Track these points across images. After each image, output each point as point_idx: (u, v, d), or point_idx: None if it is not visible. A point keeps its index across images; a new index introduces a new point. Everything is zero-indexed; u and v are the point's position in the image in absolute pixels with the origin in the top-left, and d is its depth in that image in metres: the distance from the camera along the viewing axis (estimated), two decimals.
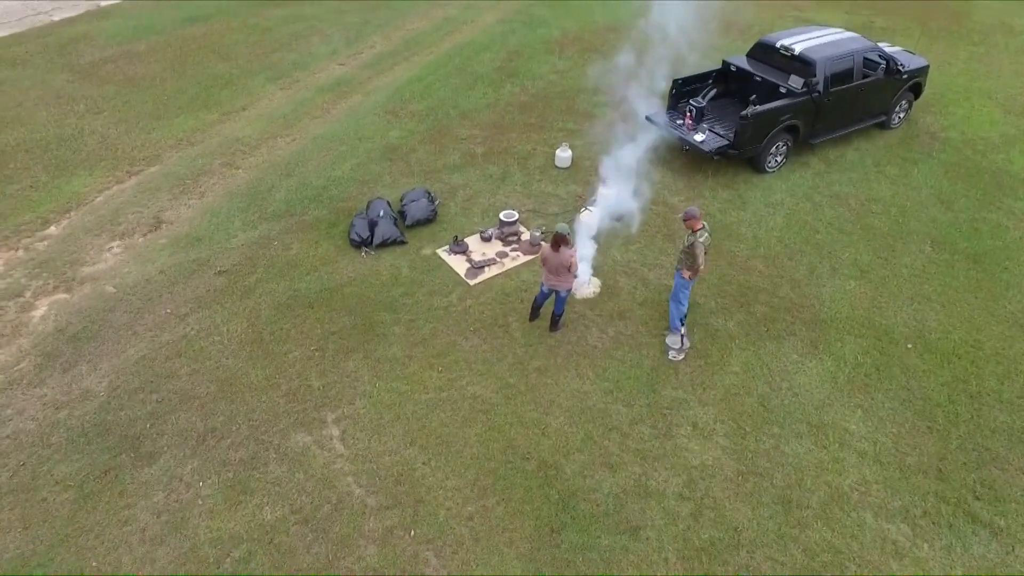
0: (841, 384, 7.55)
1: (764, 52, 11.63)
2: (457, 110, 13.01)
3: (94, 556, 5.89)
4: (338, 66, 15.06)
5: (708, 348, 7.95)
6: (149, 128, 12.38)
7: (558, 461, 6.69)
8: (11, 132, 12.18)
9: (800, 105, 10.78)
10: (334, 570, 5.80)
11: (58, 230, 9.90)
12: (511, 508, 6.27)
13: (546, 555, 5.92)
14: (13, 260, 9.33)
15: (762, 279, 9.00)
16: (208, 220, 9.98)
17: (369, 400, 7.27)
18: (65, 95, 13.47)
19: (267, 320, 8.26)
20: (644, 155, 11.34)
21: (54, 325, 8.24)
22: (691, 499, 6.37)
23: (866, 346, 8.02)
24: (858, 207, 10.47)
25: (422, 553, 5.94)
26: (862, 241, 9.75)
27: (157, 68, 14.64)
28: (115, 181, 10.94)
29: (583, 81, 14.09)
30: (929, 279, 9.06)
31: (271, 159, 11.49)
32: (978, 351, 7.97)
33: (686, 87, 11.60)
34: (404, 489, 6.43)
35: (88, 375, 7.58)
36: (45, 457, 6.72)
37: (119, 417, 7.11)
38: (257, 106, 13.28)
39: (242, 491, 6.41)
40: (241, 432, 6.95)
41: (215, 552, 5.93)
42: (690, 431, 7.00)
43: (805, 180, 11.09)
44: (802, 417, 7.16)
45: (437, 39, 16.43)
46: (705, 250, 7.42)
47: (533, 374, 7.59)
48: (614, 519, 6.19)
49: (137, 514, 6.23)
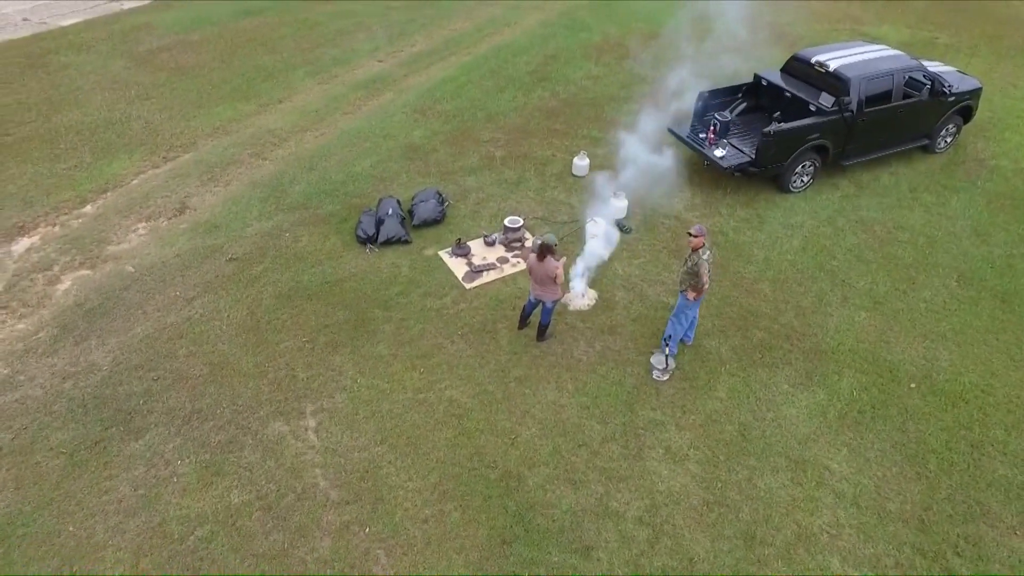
0: (831, 420, 7.23)
1: (798, 67, 11.21)
2: (484, 112, 13.09)
3: (72, 521, 6.26)
4: (377, 63, 15.39)
5: (696, 371, 7.76)
6: (190, 116, 12.98)
7: (522, 472, 6.68)
8: (67, 114, 12.99)
9: (830, 124, 10.34)
10: (287, 558, 5.99)
11: (93, 209, 10.52)
12: (467, 515, 6.31)
13: (494, 566, 5.94)
14: (49, 235, 9.97)
15: (766, 303, 8.71)
16: (228, 208, 10.40)
17: (348, 395, 7.44)
18: (120, 81, 14.27)
19: (267, 309, 8.56)
20: (663, 168, 11.17)
21: (74, 299, 8.77)
22: (650, 524, 6.25)
23: (865, 382, 7.66)
24: (883, 234, 9.98)
25: (373, 551, 6.05)
26: (881, 271, 9.29)
27: (207, 58, 15.32)
28: (151, 165, 11.54)
29: (616, 89, 13.93)
30: (948, 316, 8.55)
31: (297, 152, 11.86)
32: (989, 397, 7.49)
33: (714, 100, 11.31)
34: (367, 486, 6.56)
35: (96, 349, 8.05)
36: (46, 423, 7.18)
37: (117, 392, 7.52)
38: (293, 99, 13.72)
39: (215, 473, 6.68)
40: (224, 416, 7.24)
41: (180, 529, 6.21)
42: (662, 454, 6.86)
43: (831, 203, 10.65)
44: (782, 451, 6.90)
45: (477, 40, 16.55)
46: (709, 268, 7.24)
47: (512, 383, 7.60)
48: (568, 537, 6.15)
49: (117, 485, 6.58)
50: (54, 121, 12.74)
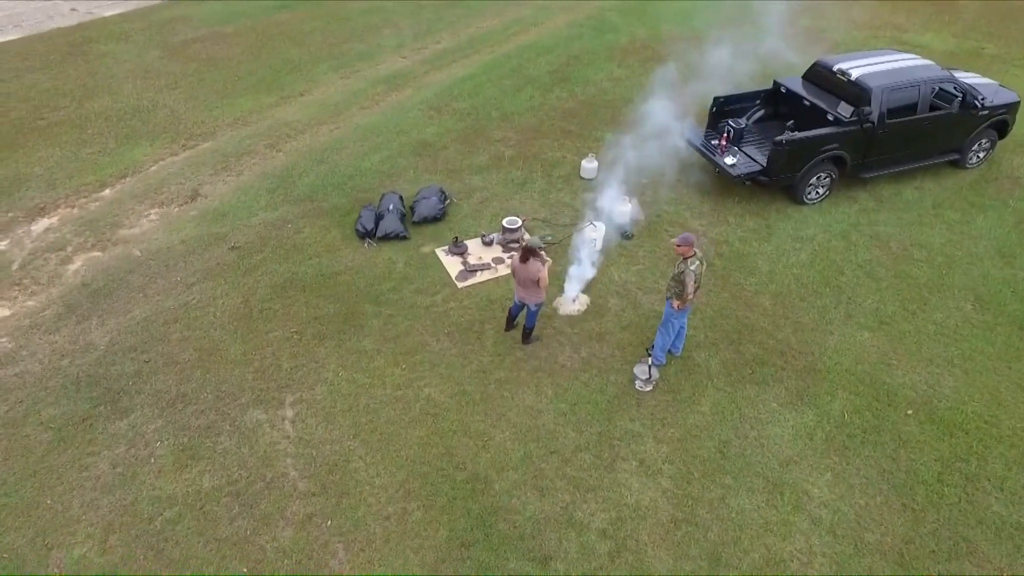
0: (817, 442, 6.95)
1: (820, 74, 10.82)
2: (499, 111, 13.04)
3: (51, 494, 6.47)
4: (400, 59, 15.50)
5: (681, 383, 7.57)
6: (213, 106, 13.30)
7: (490, 476, 6.61)
8: (99, 100, 13.47)
9: (848, 135, 9.95)
10: (248, 545, 6.06)
11: (111, 193, 10.87)
12: (429, 515, 6.28)
13: (450, 568, 5.90)
14: (67, 217, 10.34)
15: (764, 318, 8.43)
16: (237, 197, 10.61)
17: (328, 388, 7.50)
18: (153, 70, 14.72)
19: (261, 298, 8.70)
20: (673, 174, 10.95)
21: (82, 279, 9.07)
22: (613, 538, 6.11)
23: (859, 405, 7.34)
24: (899, 252, 9.55)
25: (332, 544, 6.08)
26: (891, 289, 8.89)
27: (237, 50, 15.68)
28: (170, 153, 11.86)
29: (636, 91, 13.68)
30: (959, 341, 8.13)
31: (310, 145, 12.02)
32: (992, 429, 7.09)
33: (728, 106, 11.01)
34: (335, 479, 6.60)
35: (95, 329, 8.31)
36: (40, 398, 7.45)
37: (109, 371, 7.75)
38: (314, 93, 13.93)
39: (191, 456, 6.81)
40: (207, 401, 7.38)
41: (151, 509, 6.35)
42: (635, 467, 6.70)
43: (847, 216, 10.25)
44: (761, 471, 6.66)
45: (502, 39, 16.51)
46: (696, 279, 7.03)
47: (492, 384, 7.54)
48: (528, 544, 6.06)
49: (98, 462, 6.78)
50: (86, 107, 13.22)
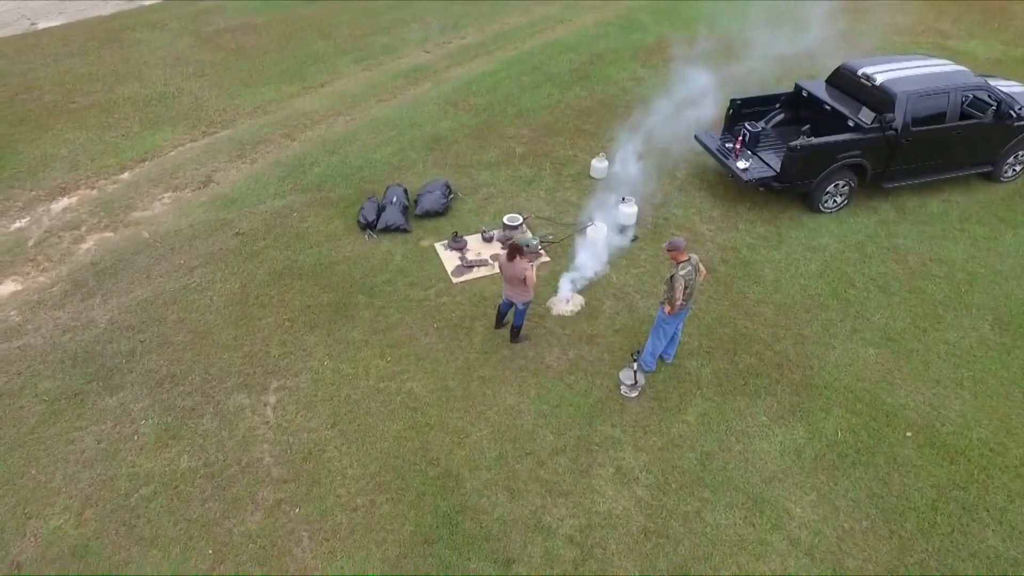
0: (805, 460, 6.66)
1: (844, 79, 10.40)
2: (515, 108, 12.94)
3: (36, 465, 6.64)
4: (424, 53, 15.52)
5: (669, 391, 7.35)
6: (236, 94, 13.54)
7: (462, 474, 6.53)
8: (128, 86, 13.85)
9: (869, 142, 9.53)
10: (216, 528, 6.11)
11: (129, 176, 11.15)
12: (397, 509, 6.24)
13: (410, 564, 5.84)
14: (86, 198, 10.65)
15: (764, 328, 8.14)
16: (248, 184, 10.76)
17: (313, 376, 7.53)
18: (182, 58, 15.07)
19: (258, 284, 8.79)
20: (685, 176, 10.70)
21: (91, 258, 9.32)
22: (580, 545, 5.96)
23: (855, 424, 7.01)
24: (917, 266, 9.12)
25: (298, 531, 6.08)
26: (904, 305, 8.49)
27: (265, 40, 15.94)
28: (190, 139, 12.11)
29: (656, 92, 13.39)
30: (971, 363, 7.70)
31: (325, 135, 12.13)
32: (997, 457, 6.68)
33: (746, 108, 10.68)
34: (308, 467, 6.61)
35: (98, 307, 8.52)
36: (38, 371, 7.66)
37: (106, 349, 7.93)
38: (335, 84, 14.05)
39: (172, 436, 6.91)
40: (194, 382, 7.48)
41: (127, 485, 6.46)
42: (611, 474, 6.53)
43: (864, 227, 9.83)
44: (742, 487, 6.42)
45: (528, 36, 16.39)
46: (687, 285, 6.80)
47: (475, 381, 7.45)
48: (492, 546, 5.96)
49: (84, 437, 6.93)
50: (116, 92, 13.60)
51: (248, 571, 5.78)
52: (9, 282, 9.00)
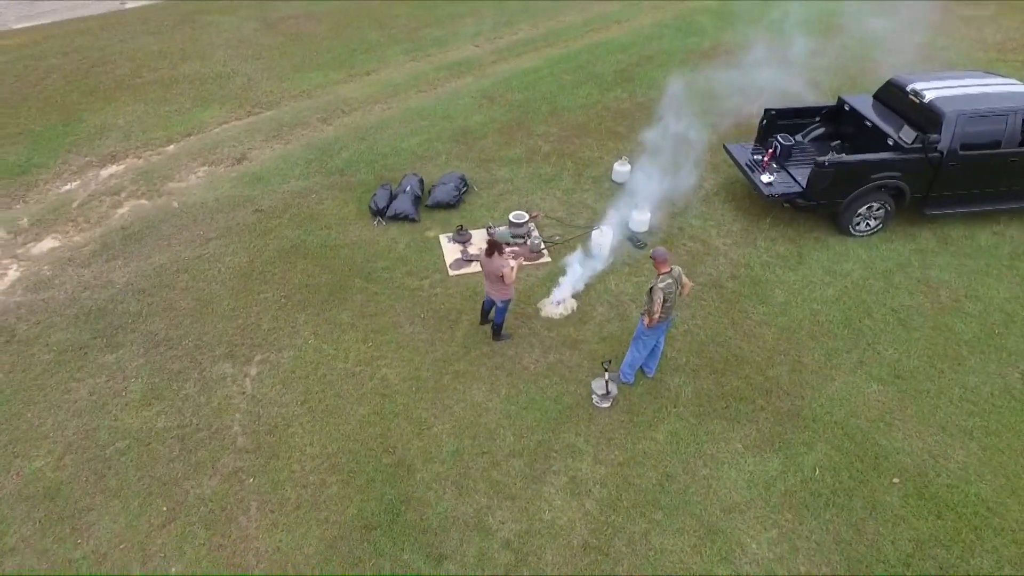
0: (773, 494, 6.26)
1: (892, 94, 9.68)
2: (550, 106, 12.80)
3: (32, 411, 7.13)
4: (473, 47, 15.60)
5: (644, 406, 7.08)
6: (285, 78, 14.05)
7: (415, 465, 6.53)
8: (191, 64, 14.63)
9: (908, 164, 8.84)
10: (175, 487, 6.36)
11: (174, 149, 11.79)
12: (345, 492, 6.31)
13: (345, 547, 5.89)
14: (131, 166, 11.34)
15: (760, 351, 7.71)
16: (277, 164, 11.16)
17: (295, 353, 7.72)
18: (245, 41, 15.78)
19: (265, 260, 9.10)
20: (712, 186, 10.29)
21: (122, 223, 9.92)
22: (516, 551, 5.84)
23: (838, 462, 6.53)
24: (948, 302, 8.39)
25: (248, 501, 6.26)
26: (923, 342, 7.83)
27: (323, 28, 16.46)
28: (235, 118, 12.67)
29: (699, 97, 12.94)
30: (987, 412, 7.01)
31: (359, 121, 12.40)
32: (995, 519, 6.06)
33: (782, 120, 10.13)
34: (271, 440, 6.78)
35: (118, 269, 9.05)
36: (54, 323, 8.23)
37: (117, 308, 8.42)
38: (380, 73, 14.34)
39: (156, 396, 7.26)
40: (186, 348, 7.83)
41: (107, 437, 6.83)
42: (564, 483, 6.36)
43: (897, 254, 9.13)
44: (698, 513, 6.10)
45: (580, 34, 16.18)
46: (666, 298, 6.53)
47: (449, 375, 7.43)
48: (429, 540, 5.93)
49: (79, 388, 7.39)
50: (178, 70, 14.41)
51: (195, 532, 6.00)
52: (49, 239, 9.70)
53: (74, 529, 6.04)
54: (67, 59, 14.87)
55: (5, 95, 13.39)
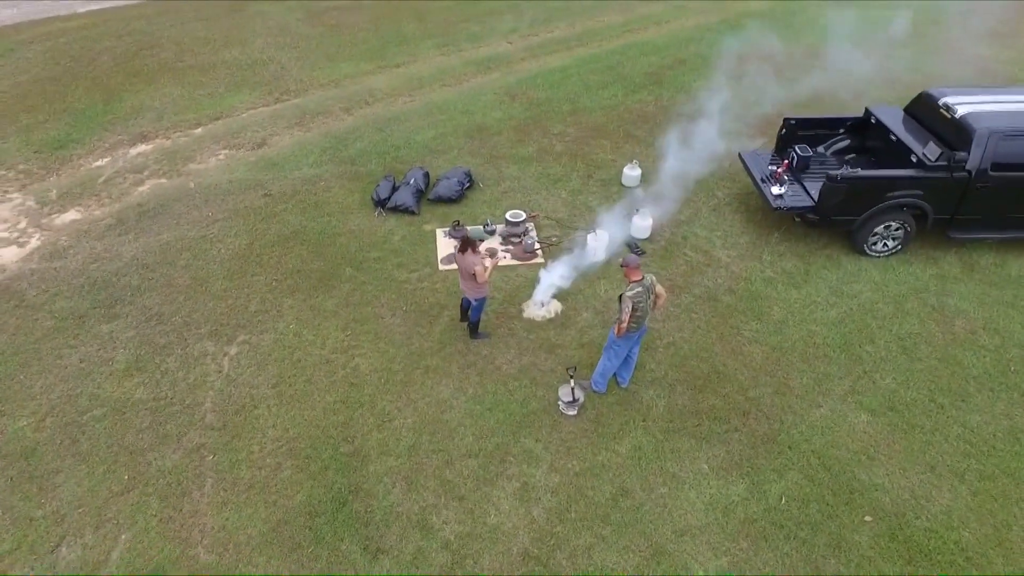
0: (732, 521, 5.95)
1: (924, 107, 9.08)
2: (571, 106, 12.60)
3: (25, 373, 7.47)
4: (506, 44, 15.53)
5: (611, 417, 6.86)
6: (317, 67, 14.33)
7: (371, 456, 6.52)
8: (231, 51, 15.11)
9: (931, 182, 8.27)
10: (139, 457, 6.54)
11: (201, 131, 12.19)
12: (297, 477, 6.35)
13: (287, 531, 5.93)
14: (159, 147, 11.79)
15: (745, 370, 7.35)
16: (293, 151, 11.38)
17: (275, 336, 7.84)
18: (286, 30, 16.19)
19: (264, 244, 9.28)
20: (724, 196, 9.92)
21: (139, 200, 10.32)
22: (454, 552, 5.75)
23: (808, 493, 6.15)
24: (962, 333, 7.80)
25: (205, 476, 6.38)
26: (926, 373, 7.30)
27: (362, 20, 16.71)
28: (262, 104, 13.01)
29: (726, 104, 12.46)
30: (986, 455, 6.48)
31: (380, 113, 12.52)
32: (972, 569, 5.58)
33: (802, 130, 9.65)
34: (237, 420, 6.90)
35: (128, 244, 9.41)
36: (61, 291, 8.62)
37: (120, 281, 8.75)
38: (410, 66, 14.44)
39: (139, 368, 7.50)
40: (175, 323, 8.06)
41: (87, 404, 7.10)
42: (515, 489, 6.23)
43: (914, 279, 8.56)
44: (649, 532, 5.86)
45: (618, 34, 15.88)
46: (635, 307, 6.31)
47: (420, 369, 7.40)
48: (370, 532, 5.90)
49: (72, 354, 7.71)
50: (219, 55, 14.90)
51: (149, 503, 6.16)
52: (73, 211, 10.18)
53: (41, 489, 6.30)
54: (120, 42, 15.59)
55: (58, 74, 14.15)
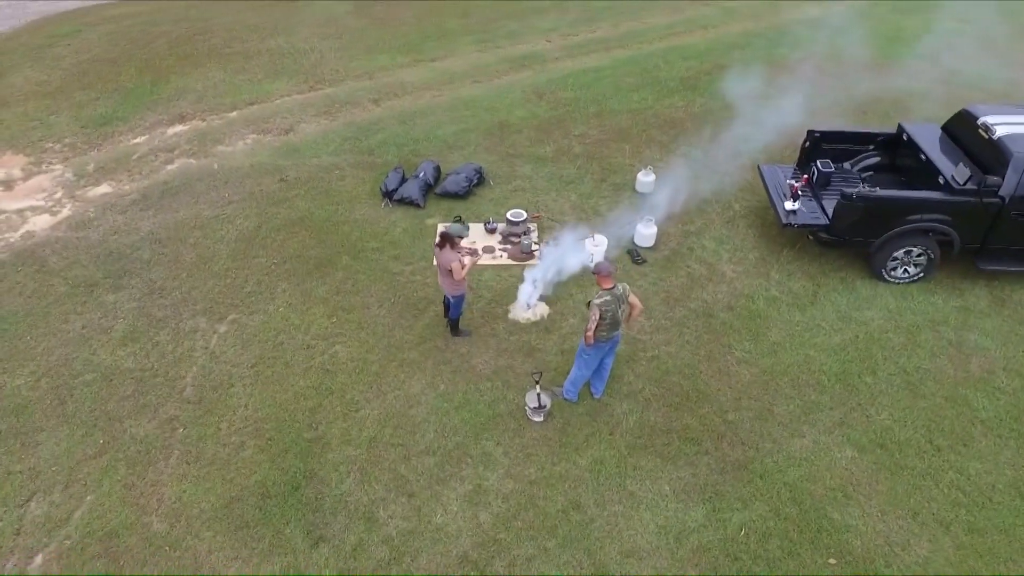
0: (684, 548, 5.68)
1: (962, 126, 8.43)
2: (597, 107, 12.35)
3: (32, 334, 7.88)
4: (545, 42, 15.36)
5: (578, 428, 6.67)
6: (354, 58, 14.57)
7: (331, 444, 6.57)
8: (276, 39, 15.53)
9: (958, 207, 7.68)
10: (117, 424, 6.80)
11: (235, 115, 12.58)
12: (257, 457, 6.46)
13: (238, 509, 6.03)
14: (194, 128, 12.25)
15: (729, 391, 7.01)
16: (316, 139, 11.60)
17: (264, 318, 8.00)
18: (332, 21, 16.53)
19: (271, 227, 9.49)
20: (741, 208, 9.53)
21: (166, 178, 10.74)
22: (394, 548, 5.71)
23: (772, 528, 5.80)
24: (977, 372, 7.20)
25: (174, 448, 6.57)
26: (928, 412, 6.78)
27: (408, 13, 16.88)
28: (296, 92, 13.32)
29: (760, 113, 11.93)
30: (979, 507, 5.95)
31: (406, 106, 12.61)
32: None
33: (828, 144, 9.12)
34: (213, 396, 7.08)
35: (148, 219, 9.81)
36: (79, 259, 9.05)
37: (132, 254, 9.12)
38: (444, 61, 14.49)
39: (133, 339, 7.80)
40: (174, 298, 8.35)
41: (80, 369, 7.43)
42: (467, 490, 6.14)
43: (934, 309, 7.97)
44: (593, 551, 5.66)
45: (659, 37, 15.45)
46: (603, 315, 6.10)
47: (396, 362, 7.40)
48: (315, 519, 5.94)
49: (76, 320, 8.09)
50: (265, 43, 15.34)
51: (117, 468, 6.39)
52: (105, 185, 10.69)
53: (23, 445, 6.64)
54: (176, 26, 16.29)
55: (116, 55, 14.90)
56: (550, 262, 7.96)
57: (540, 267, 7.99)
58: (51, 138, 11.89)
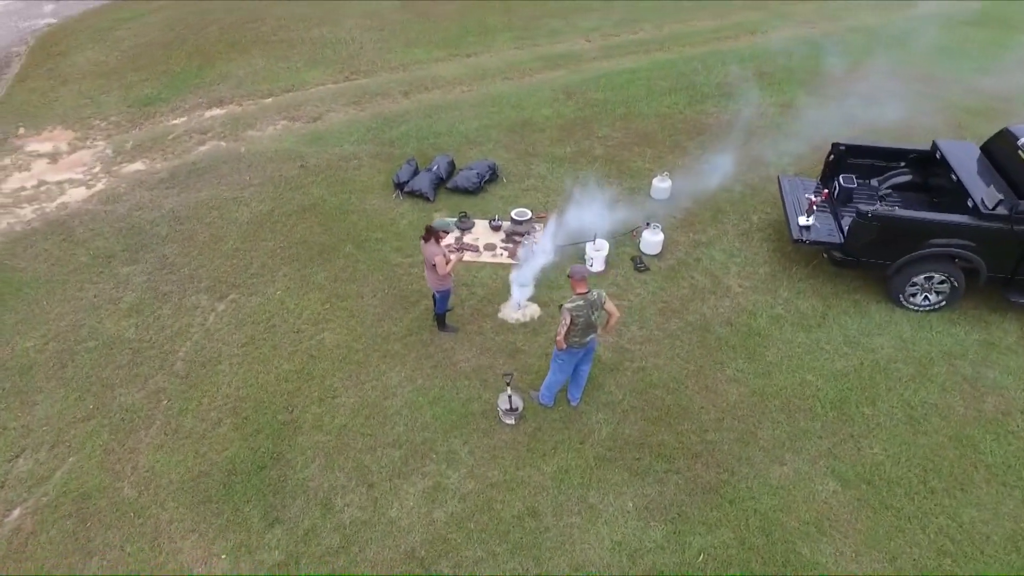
0: (638, 567, 5.47)
1: (1002, 146, 7.82)
2: (625, 110, 12.08)
3: (50, 299, 8.30)
4: (584, 42, 15.15)
5: (549, 433, 6.52)
6: (392, 51, 14.73)
7: (303, 428, 6.64)
8: (320, 29, 15.86)
9: (985, 233, 7.12)
10: (109, 392, 7.06)
11: (270, 101, 12.93)
12: (231, 435, 6.60)
13: (203, 485, 6.17)
14: (231, 112, 12.65)
15: (712, 410, 6.72)
16: (341, 128, 11.79)
17: (261, 300, 8.17)
18: (376, 13, 16.75)
19: (283, 212, 9.69)
20: (756, 220, 9.15)
21: (195, 159, 11.13)
22: (345, 537, 5.72)
23: (733, 556, 5.52)
24: (991, 413, 6.67)
25: (156, 419, 6.79)
26: (928, 450, 6.32)
27: (451, 9, 16.95)
28: (331, 81, 13.58)
29: (795, 124, 11.43)
30: (968, 558, 5.50)
31: (435, 99, 12.67)
32: None
33: (853, 158, 8.62)
34: (200, 372, 7.28)
35: (171, 197, 10.18)
36: (103, 231, 9.48)
37: (152, 230, 9.49)
38: (480, 56, 14.48)
39: (137, 311, 8.10)
40: (182, 274, 8.63)
41: (85, 335, 7.77)
42: (427, 487, 6.09)
43: (952, 342, 7.43)
44: (543, 559, 5.52)
45: (704, 40, 14.99)
46: (574, 321, 5.93)
47: (379, 353, 7.42)
48: (275, 501, 6.02)
49: (90, 289, 8.46)
50: (310, 32, 15.70)
51: (100, 433, 6.64)
52: (139, 162, 11.17)
53: (22, 403, 6.99)
54: (230, 14, 16.87)
55: (170, 39, 15.55)
56: (532, 263, 7.84)
57: (524, 268, 7.86)
58: (99, 116, 12.51)
